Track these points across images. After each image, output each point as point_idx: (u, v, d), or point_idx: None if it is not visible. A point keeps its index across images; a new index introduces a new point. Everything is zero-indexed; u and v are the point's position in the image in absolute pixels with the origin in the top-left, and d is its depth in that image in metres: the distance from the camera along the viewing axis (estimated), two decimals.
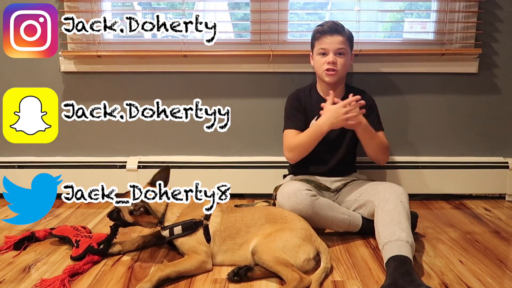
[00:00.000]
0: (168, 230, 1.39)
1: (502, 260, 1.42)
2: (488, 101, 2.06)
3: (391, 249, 1.27)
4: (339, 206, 1.61)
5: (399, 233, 1.30)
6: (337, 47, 1.65)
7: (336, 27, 1.66)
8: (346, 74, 1.75)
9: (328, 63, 1.65)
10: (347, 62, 1.69)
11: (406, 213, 1.40)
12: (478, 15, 1.96)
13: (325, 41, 1.66)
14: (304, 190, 1.52)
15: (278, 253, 1.27)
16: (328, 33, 1.65)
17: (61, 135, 2.06)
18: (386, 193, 1.47)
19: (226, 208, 1.46)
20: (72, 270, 1.29)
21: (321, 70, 1.68)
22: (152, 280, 1.20)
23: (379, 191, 1.51)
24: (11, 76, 2.02)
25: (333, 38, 1.65)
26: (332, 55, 1.65)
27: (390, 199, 1.44)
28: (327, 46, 1.65)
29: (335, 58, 1.65)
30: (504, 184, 2.07)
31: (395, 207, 1.40)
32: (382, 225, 1.37)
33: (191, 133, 2.07)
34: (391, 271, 1.21)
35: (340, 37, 1.65)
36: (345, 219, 1.56)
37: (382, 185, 1.55)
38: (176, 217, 1.41)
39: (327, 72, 1.66)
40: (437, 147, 2.09)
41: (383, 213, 1.41)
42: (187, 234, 1.36)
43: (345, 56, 1.67)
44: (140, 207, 1.38)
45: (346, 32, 1.68)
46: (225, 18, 2.26)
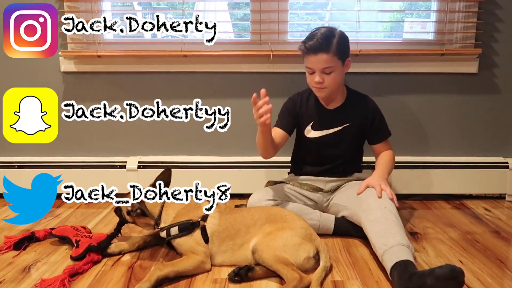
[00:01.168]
0: (165, 231, 1.40)
1: (502, 260, 1.42)
2: (488, 101, 2.06)
3: (390, 258, 1.24)
4: (310, 211, 1.62)
5: (392, 239, 1.28)
6: (322, 66, 1.54)
7: (320, 46, 1.52)
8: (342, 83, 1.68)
9: (316, 82, 1.57)
10: (336, 77, 1.59)
11: (394, 217, 1.37)
12: (478, 15, 1.96)
13: (310, 59, 1.56)
14: (265, 200, 1.60)
15: (279, 252, 1.27)
16: (311, 52, 1.54)
17: (61, 135, 2.06)
18: (370, 202, 1.46)
19: (224, 209, 1.46)
20: (72, 270, 1.29)
21: (311, 85, 1.64)
22: (151, 280, 1.20)
23: (362, 201, 1.50)
24: (11, 76, 2.02)
25: (317, 57, 1.53)
26: (318, 74, 1.56)
27: (374, 208, 1.42)
28: (312, 66, 1.57)
29: (322, 77, 1.56)
30: (504, 184, 2.07)
31: (382, 214, 1.38)
32: (374, 235, 1.35)
33: (191, 133, 2.07)
34: (397, 280, 1.17)
35: (325, 55, 1.52)
36: (313, 225, 1.55)
37: (365, 194, 1.52)
38: (171, 218, 1.40)
39: (317, 88, 1.61)
40: (437, 147, 2.10)
41: (370, 224, 1.39)
42: (184, 234, 1.36)
43: (334, 73, 1.57)
44: (137, 208, 1.39)
45: (333, 47, 1.53)
46: (225, 18, 2.26)
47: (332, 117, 1.71)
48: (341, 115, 1.70)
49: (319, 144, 1.73)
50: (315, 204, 1.71)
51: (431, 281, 1.08)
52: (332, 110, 1.71)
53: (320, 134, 1.72)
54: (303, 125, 1.75)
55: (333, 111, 1.71)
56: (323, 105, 1.72)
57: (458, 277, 1.09)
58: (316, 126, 1.72)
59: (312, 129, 1.73)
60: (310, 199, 1.70)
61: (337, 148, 1.72)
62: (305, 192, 1.71)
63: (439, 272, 1.09)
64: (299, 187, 1.71)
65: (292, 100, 1.77)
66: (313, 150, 1.75)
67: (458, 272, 1.09)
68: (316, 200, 1.71)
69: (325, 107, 1.72)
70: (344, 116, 1.70)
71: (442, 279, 1.08)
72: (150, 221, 1.43)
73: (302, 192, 1.71)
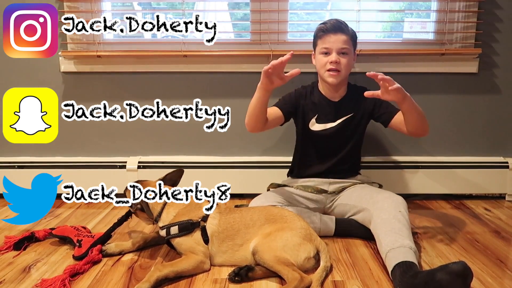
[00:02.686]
0: (165, 230, 1.40)
1: (502, 260, 1.43)
2: (488, 101, 2.06)
3: (396, 256, 1.23)
4: (311, 214, 1.61)
5: (402, 240, 1.28)
6: (340, 46, 1.59)
7: (340, 26, 1.61)
8: (348, 75, 1.71)
9: (331, 62, 1.59)
10: (350, 62, 1.64)
11: (406, 222, 1.37)
12: (478, 15, 1.96)
13: (328, 40, 1.60)
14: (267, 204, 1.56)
15: (279, 252, 1.27)
16: (331, 31, 1.60)
17: (61, 135, 2.06)
18: (385, 203, 1.45)
19: (224, 209, 1.46)
20: (72, 270, 1.29)
21: (323, 70, 1.64)
22: (150, 280, 1.20)
23: (378, 200, 1.49)
24: (11, 76, 2.02)
25: (336, 37, 1.59)
26: (335, 55, 1.59)
27: (388, 209, 1.42)
28: (330, 45, 1.60)
29: (338, 58, 1.59)
30: (504, 184, 2.07)
31: (394, 216, 1.38)
32: (383, 233, 1.34)
33: (191, 133, 2.07)
34: (399, 277, 1.16)
35: (344, 36, 1.60)
36: (315, 228, 1.54)
37: (381, 195, 1.52)
38: (172, 217, 1.40)
39: (330, 73, 1.61)
40: (437, 147, 2.09)
41: (382, 222, 1.38)
42: (183, 234, 1.36)
43: (348, 56, 1.62)
44: (137, 204, 1.40)
45: (350, 31, 1.63)
46: (225, 18, 2.25)
47: (336, 109, 1.71)
48: (345, 106, 1.71)
49: (324, 137, 1.71)
50: (317, 205, 1.70)
51: (441, 275, 1.08)
52: (337, 102, 1.72)
53: (325, 126, 1.71)
54: (307, 118, 1.73)
55: (337, 103, 1.72)
56: (327, 97, 1.72)
57: (468, 276, 1.09)
58: (320, 119, 1.72)
59: (317, 122, 1.73)
60: (313, 201, 1.70)
61: (340, 140, 1.72)
62: (309, 194, 1.70)
63: (453, 267, 1.09)
64: (303, 190, 1.70)
65: (298, 91, 1.77)
66: (318, 143, 1.74)
67: (469, 271, 1.09)
68: (319, 201, 1.71)
69: (330, 99, 1.72)
70: (347, 107, 1.71)
71: (453, 275, 1.07)
72: (148, 217, 1.43)
73: (306, 195, 1.70)
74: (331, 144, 1.73)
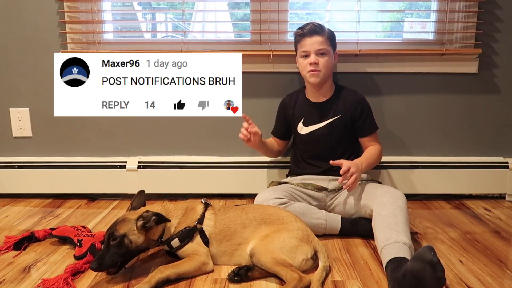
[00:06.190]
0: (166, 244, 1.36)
1: (502, 260, 1.43)
2: (488, 101, 2.06)
3: (389, 252, 1.26)
4: (317, 210, 1.61)
5: (396, 236, 1.29)
6: (317, 47, 1.66)
7: (315, 28, 1.67)
8: (331, 74, 1.76)
9: (311, 64, 1.67)
10: (329, 61, 1.69)
11: (404, 216, 1.38)
12: (478, 15, 1.96)
13: (305, 43, 1.68)
14: (272, 199, 1.57)
15: (277, 254, 1.27)
16: (307, 35, 1.68)
17: (61, 135, 2.07)
18: (384, 197, 1.47)
19: (219, 209, 1.45)
20: (73, 269, 1.29)
21: (305, 71, 1.71)
22: (151, 282, 1.20)
23: (377, 195, 1.51)
24: (11, 75, 2.02)
25: (312, 39, 1.67)
26: (313, 56, 1.67)
27: (387, 204, 1.43)
28: (308, 48, 1.68)
29: (317, 59, 1.67)
30: (504, 184, 2.07)
31: (392, 211, 1.40)
32: (379, 229, 1.36)
33: (191, 133, 2.07)
34: (390, 273, 1.19)
35: (320, 37, 1.67)
36: (320, 224, 1.57)
37: (380, 190, 1.54)
38: (173, 229, 1.36)
39: (311, 73, 1.68)
40: (437, 147, 2.09)
41: (380, 218, 1.40)
42: (185, 243, 1.34)
43: (327, 56, 1.68)
44: (151, 216, 1.29)
45: (326, 32, 1.69)
46: (225, 18, 2.25)
47: (320, 111, 1.76)
48: (330, 108, 1.75)
49: (311, 140, 1.76)
50: (318, 203, 1.71)
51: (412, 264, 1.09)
52: (321, 103, 1.76)
53: (311, 129, 1.76)
54: (295, 123, 1.80)
55: (321, 104, 1.76)
56: (311, 100, 1.78)
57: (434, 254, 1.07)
58: (307, 122, 1.77)
59: (304, 125, 1.78)
60: (314, 198, 1.71)
61: (330, 142, 1.75)
62: (310, 191, 1.71)
63: (419, 252, 1.10)
64: (303, 187, 1.71)
65: (283, 104, 1.87)
66: (310, 146, 1.78)
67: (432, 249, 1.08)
68: (319, 198, 1.71)
69: (314, 102, 1.77)
70: (333, 108, 1.75)
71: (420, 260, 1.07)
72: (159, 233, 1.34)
73: (307, 192, 1.71)
74: (322, 145, 1.76)
